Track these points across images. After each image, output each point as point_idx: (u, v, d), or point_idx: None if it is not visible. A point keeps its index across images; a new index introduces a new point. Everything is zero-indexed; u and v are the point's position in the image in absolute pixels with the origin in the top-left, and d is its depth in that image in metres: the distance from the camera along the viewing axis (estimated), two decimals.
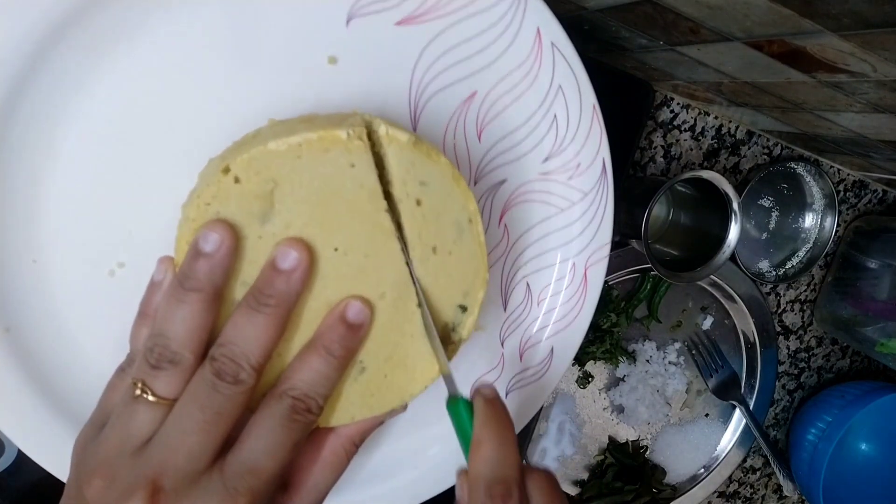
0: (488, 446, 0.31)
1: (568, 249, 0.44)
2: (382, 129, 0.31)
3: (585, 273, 0.44)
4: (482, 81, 0.38)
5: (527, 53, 0.38)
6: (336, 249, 0.31)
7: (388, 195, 0.32)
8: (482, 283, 0.35)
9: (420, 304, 0.33)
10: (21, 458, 0.47)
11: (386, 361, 0.33)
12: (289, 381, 0.31)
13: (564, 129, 0.41)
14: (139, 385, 0.29)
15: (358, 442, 0.34)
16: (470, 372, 0.44)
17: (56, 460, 0.36)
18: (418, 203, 0.32)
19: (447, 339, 0.35)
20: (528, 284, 0.44)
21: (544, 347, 0.45)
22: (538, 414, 0.61)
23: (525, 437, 0.60)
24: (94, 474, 0.29)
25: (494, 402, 0.33)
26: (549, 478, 0.33)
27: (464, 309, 0.35)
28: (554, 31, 0.38)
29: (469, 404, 0.33)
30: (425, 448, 0.43)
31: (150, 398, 0.29)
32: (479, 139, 0.39)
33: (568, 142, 0.41)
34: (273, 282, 0.30)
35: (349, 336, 0.31)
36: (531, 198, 0.42)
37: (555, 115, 0.40)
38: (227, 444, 0.30)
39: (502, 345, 0.44)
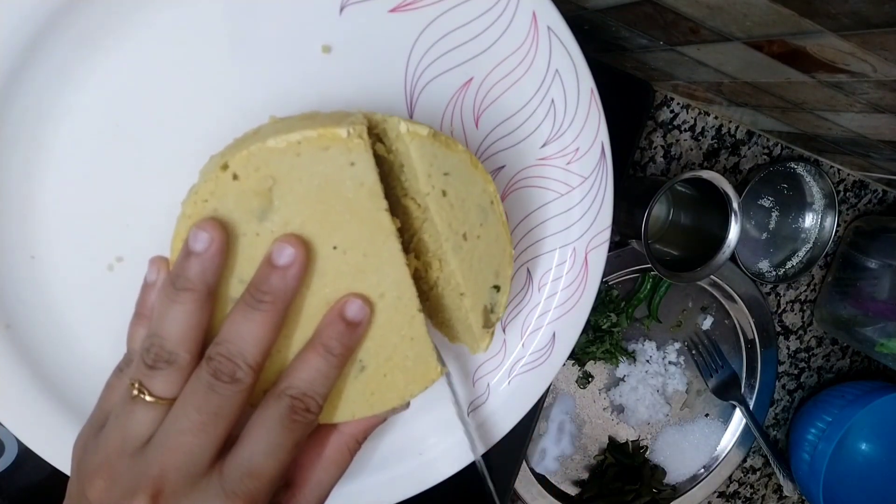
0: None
1: (568, 234, 0.44)
2: (403, 127, 0.31)
3: (586, 258, 0.44)
4: (478, 67, 0.38)
5: (523, 38, 0.38)
6: (335, 248, 0.31)
7: (403, 195, 0.32)
8: (509, 260, 0.35)
9: (420, 310, 0.33)
10: (21, 458, 0.47)
11: (386, 361, 0.33)
12: (287, 379, 0.31)
13: (562, 114, 0.41)
14: (136, 385, 0.29)
15: (361, 439, 0.34)
16: (471, 359, 0.44)
17: (58, 453, 0.36)
18: (444, 194, 0.32)
19: (487, 322, 0.35)
20: (528, 270, 0.44)
21: (546, 333, 0.45)
22: (538, 413, 0.61)
23: (525, 437, 0.59)
24: (96, 475, 0.29)
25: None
26: None
27: (497, 289, 0.35)
28: (550, 15, 0.38)
29: None
30: (427, 436, 0.43)
31: (148, 398, 0.29)
32: (477, 125, 0.40)
33: (566, 126, 0.41)
34: (269, 278, 0.30)
35: (348, 333, 0.31)
36: (530, 183, 0.42)
37: (552, 100, 0.40)
38: (230, 443, 0.30)
39: (504, 331, 0.44)
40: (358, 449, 0.34)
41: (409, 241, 0.35)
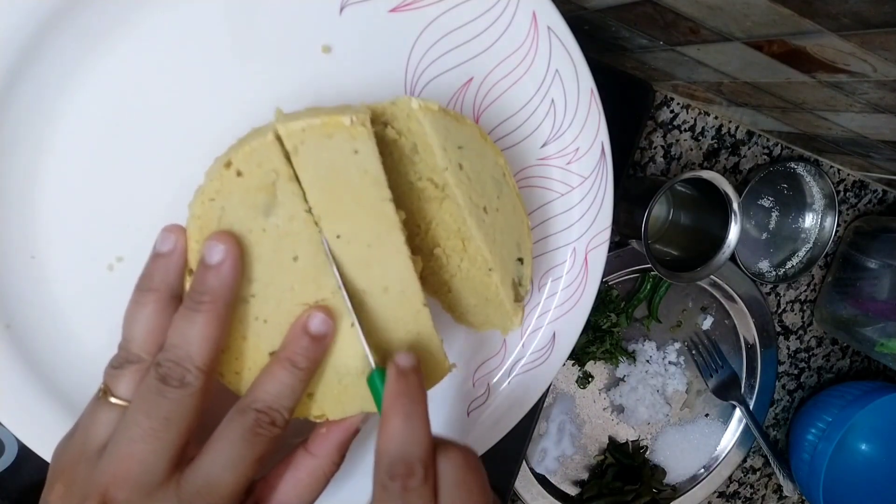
0: (394, 422, 0.29)
1: (568, 234, 0.44)
2: (415, 103, 0.31)
3: (586, 257, 0.44)
4: (478, 67, 0.38)
5: (523, 38, 0.38)
6: (339, 237, 0.31)
7: (418, 178, 0.32)
8: (528, 232, 0.36)
9: (426, 304, 0.33)
10: (21, 457, 0.47)
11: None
12: (253, 393, 0.30)
13: (562, 114, 0.41)
14: (102, 387, 0.29)
15: (337, 460, 0.33)
16: (472, 359, 0.44)
17: None
18: (461, 167, 0.33)
19: (518, 296, 0.36)
20: None
21: (546, 333, 0.45)
22: (538, 413, 0.61)
23: (525, 437, 0.59)
24: (58, 479, 0.29)
25: (406, 373, 0.30)
26: (465, 454, 0.30)
27: (521, 261, 0.36)
28: (550, 15, 0.38)
29: (383, 374, 0.31)
30: None
31: (112, 400, 0.29)
32: (477, 125, 0.40)
33: (566, 126, 0.41)
34: (205, 279, 0.29)
35: (312, 348, 0.31)
36: (530, 183, 0.42)
37: (552, 100, 0.40)
38: (192, 457, 0.29)
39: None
40: (335, 471, 0.33)
41: (428, 228, 0.35)
